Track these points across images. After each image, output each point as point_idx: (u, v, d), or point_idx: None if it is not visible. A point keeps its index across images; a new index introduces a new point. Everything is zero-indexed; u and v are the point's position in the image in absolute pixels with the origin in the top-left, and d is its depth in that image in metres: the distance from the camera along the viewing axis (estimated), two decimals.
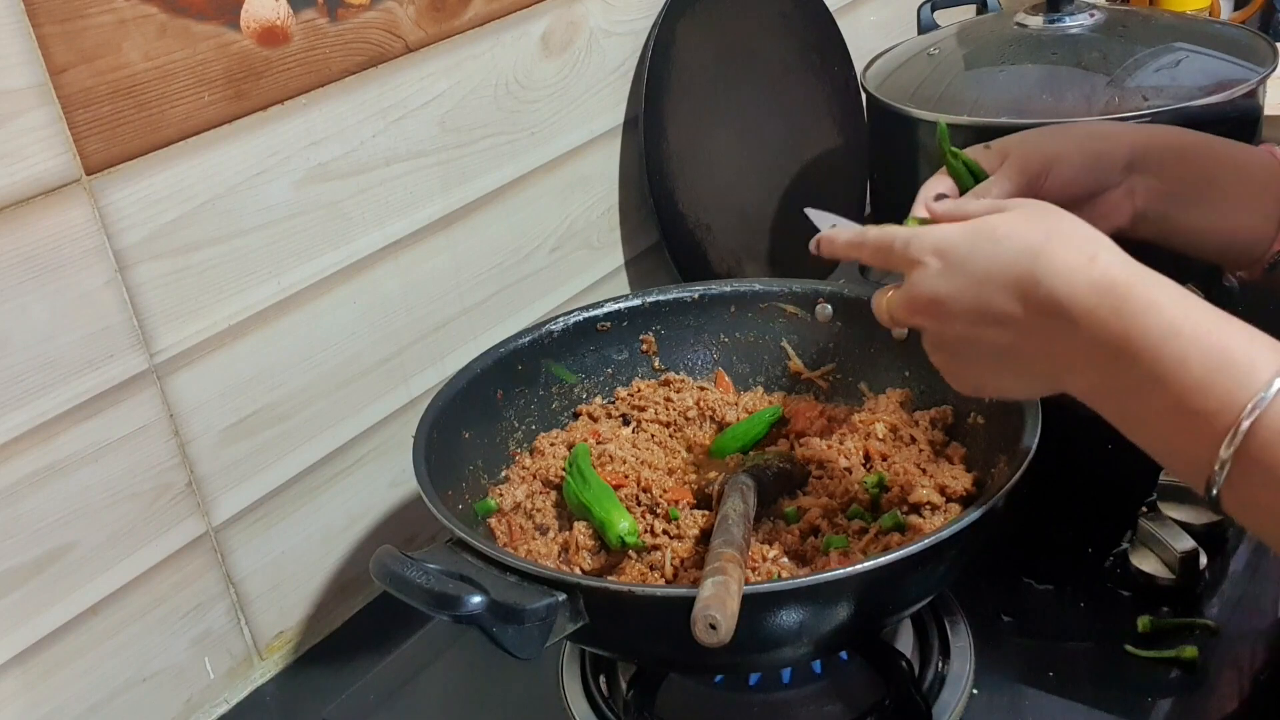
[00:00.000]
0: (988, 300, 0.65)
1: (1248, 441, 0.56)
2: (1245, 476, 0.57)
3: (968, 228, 0.67)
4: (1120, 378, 0.60)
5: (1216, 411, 0.57)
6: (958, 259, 0.66)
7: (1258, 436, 0.56)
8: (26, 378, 0.77)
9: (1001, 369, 0.68)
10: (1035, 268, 0.63)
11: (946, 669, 0.83)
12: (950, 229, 0.68)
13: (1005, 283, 0.64)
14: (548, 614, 0.67)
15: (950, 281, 0.67)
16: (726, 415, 0.97)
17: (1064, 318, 0.61)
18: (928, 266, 0.68)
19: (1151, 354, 0.58)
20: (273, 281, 0.91)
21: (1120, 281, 0.60)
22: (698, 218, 1.25)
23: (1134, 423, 0.62)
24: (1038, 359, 0.65)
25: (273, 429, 0.93)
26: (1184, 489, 0.92)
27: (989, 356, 0.67)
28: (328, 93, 0.92)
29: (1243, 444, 0.56)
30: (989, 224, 0.66)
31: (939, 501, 0.82)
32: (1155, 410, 0.60)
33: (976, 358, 0.68)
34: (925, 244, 0.68)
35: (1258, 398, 0.55)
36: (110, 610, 0.85)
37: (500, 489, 0.90)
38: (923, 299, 0.68)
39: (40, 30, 0.74)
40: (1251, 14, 1.73)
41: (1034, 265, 0.63)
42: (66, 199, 0.78)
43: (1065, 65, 1.10)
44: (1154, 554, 0.89)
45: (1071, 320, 0.61)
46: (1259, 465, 0.56)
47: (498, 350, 0.95)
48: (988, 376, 0.70)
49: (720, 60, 1.27)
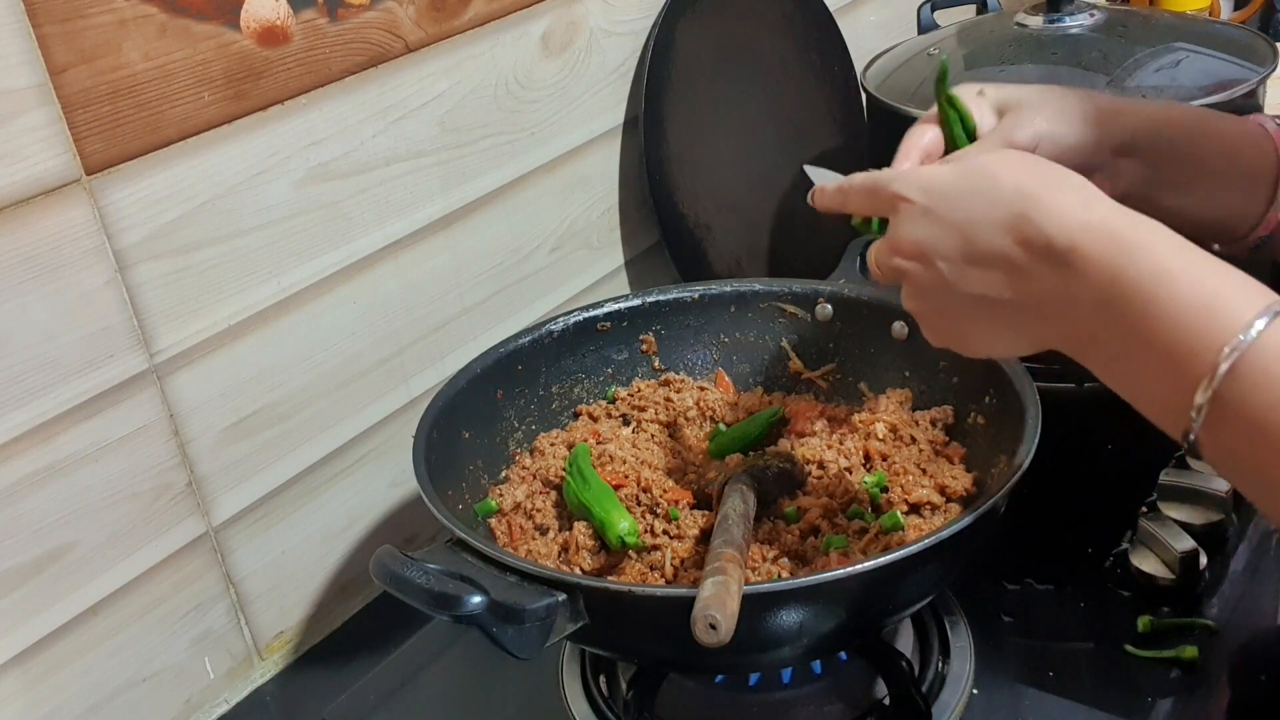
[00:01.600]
0: (976, 240, 0.62)
1: (1225, 385, 0.54)
2: (1222, 422, 0.55)
3: (957, 167, 0.65)
4: (1108, 321, 0.58)
5: (1197, 354, 0.54)
6: (946, 197, 0.64)
7: (1236, 380, 0.53)
8: (26, 378, 0.77)
9: (984, 318, 0.65)
10: (1028, 208, 0.61)
11: (946, 669, 0.83)
12: (938, 168, 0.66)
13: (996, 222, 0.62)
14: (548, 614, 0.67)
15: (937, 221, 0.64)
16: (726, 415, 0.97)
17: (1056, 259, 0.59)
18: (914, 204, 0.65)
19: (1143, 295, 0.57)
20: (273, 281, 0.91)
21: (1115, 224, 0.59)
22: (698, 218, 1.25)
23: (1117, 369, 0.60)
24: (1025, 306, 0.62)
25: (273, 429, 0.93)
26: (1184, 489, 0.92)
27: (972, 305, 0.64)
28: (328, 93, 0.92)
29: (1220, 388, 0.54)
30: (979, 163, 0.64)
31: (939, 501, 0.82)
32: (1139, 354, 0.58)
33: (959, 306, 0.65)
34: (911, 182, 0.66)
35: (1236, 339, 0.53)
36: (110, 610, 0.85)
37: (500, 489, 0.90)
38: (907, 240, 0.66)
39: (40, 30, 0.74)
40: (1251, 14, 1.73)
41: (1027, 206, 0.61)
42: (66, 199, 0.78)
43: (1065, 65, 1.10)
44: (1154, 554, 0.89)
45: (1065, 261, 0.59)
46: (1236, 410, 0.54)
47: (498, 350, 0.95)
48: (969, 327, 0.67)
49: (720, 60, 1.27)
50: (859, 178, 0.72)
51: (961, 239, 0.63)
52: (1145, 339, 0.57)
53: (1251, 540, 0.92)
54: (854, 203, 0.73)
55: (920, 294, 0.68)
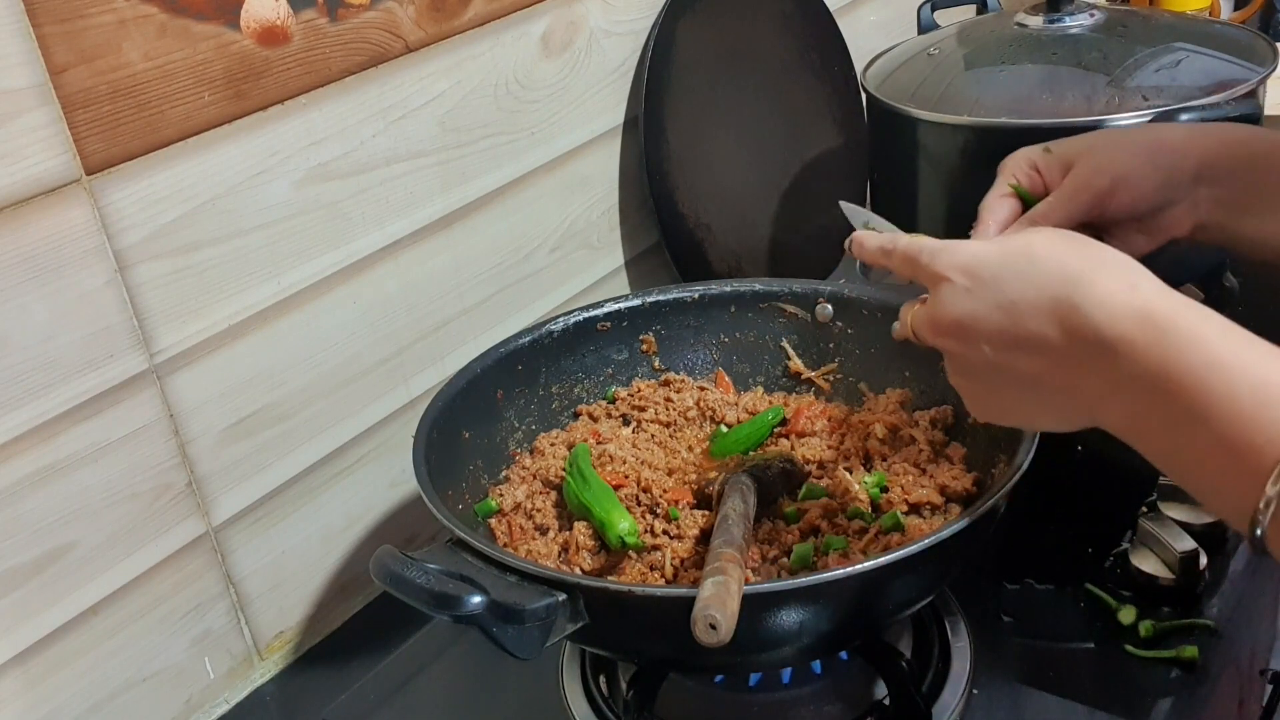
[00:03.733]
0: (1020, 324, 0.61)
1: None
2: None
3: (1001, 246, 0.64)
4: (1160, 411, 0.57)
5: (1262, 446, 0.53)
6: (989, 278, 0.63)
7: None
8: (26, 378, 0.77)
9: (1029, 398, 0.64)
10: (1074, 293, 0.59)
11: (946, 669, 0.83)
12: (983, 246, 0.65)
13: (1040, 307, 0.61)
14: (548, 614, 0.67)
15: (980, 302, 0.63)
16: (726, 415, 0.97)
17: (1103, 347, 0.58)
18: (955, 284, 0.64)
19: (1195, 386, 0.55)
20: (273, 281, 0.91)
21: (1163, 311, 0.57)
22: (698, 218, 1.25)
23: (1173, 459, 0.58)
24: (1071, 389, 0.61)
25: (273, 429, 0.93)
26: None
27: (1016, 385, 0.64)
28: (328, 93, 0.92)
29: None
30: (1024, 243, 0.63)
31: (939, 501, 0.82)
32: (1197, 446, 0.56)
33: (1003, 385, 0.64)
34: (955, 260, 0.65)
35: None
36: (110, 610, 0.85)
37: (500, 489, 0.90)
38: (948, 318, 0.65)
39: (40, 30, 0.74)
40: (1251, 14, 1.73)
41: (1073, 291, 0.59)
42: (66, 199, 0.78)
43: (1065, 65, 1.10)
44: (1154, 554, 0.89)
45: (1111, 350, 0.58)
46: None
47: (498, 350, 0.95)
48: (1013, 405, 0.66)
49: (720, 60, 1.27)
50: (902, 243, 0.71)
51: (1004, 323, 0.62)
52: (1200, 431, 0.55)
53: None
54: (895, 268, 0.72)
55: (964, 371, 0.67)
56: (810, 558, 0.78)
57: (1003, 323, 0.62)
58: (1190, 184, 0.80)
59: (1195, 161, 0.80)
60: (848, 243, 0.76)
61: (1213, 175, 0.79)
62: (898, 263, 0.71)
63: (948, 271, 0.65)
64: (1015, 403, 0.65)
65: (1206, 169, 0.80)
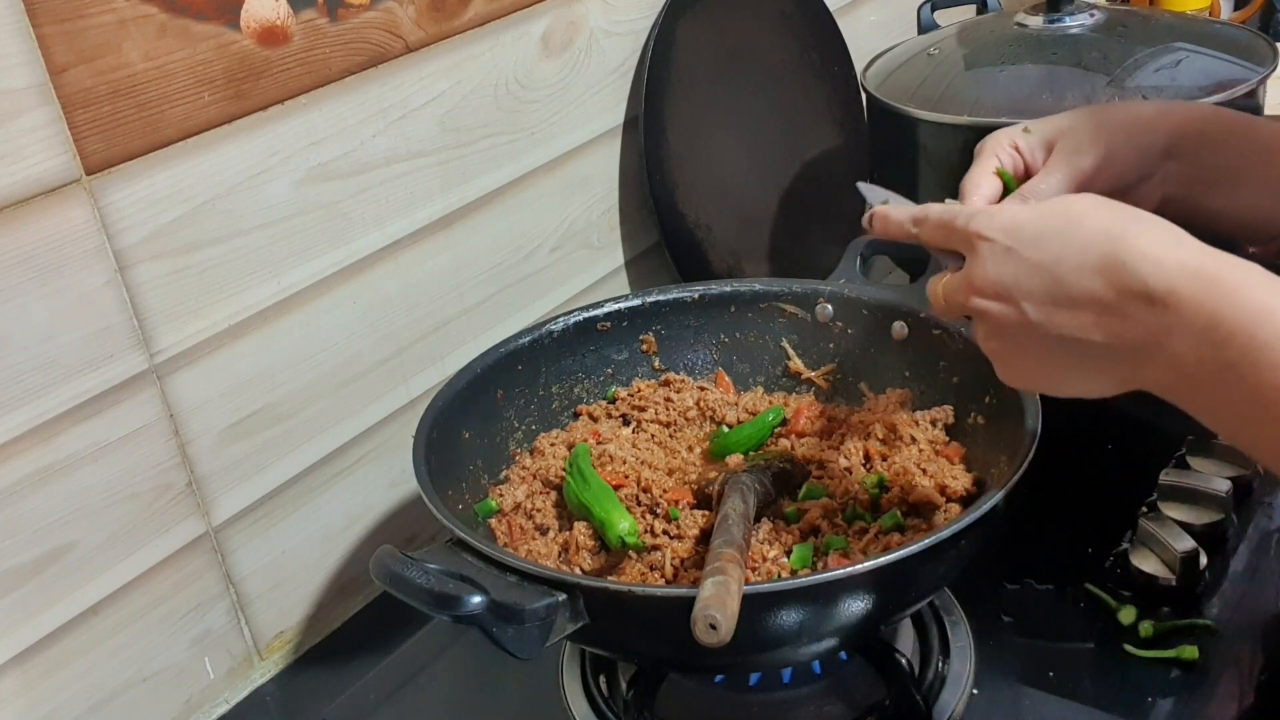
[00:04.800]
0: (1065, 280, 0.61)
1: None
2: None
3: (1039, 207, 0.64)
4: (1209, 362, 0.57)
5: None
6: (1030, 238, 0.63)
7: None
8: (26, 378, 0.77)
9: (1068, 360, 0.64)
10: (1120, 248, 0.60)
11: (946, 669, 0.83)
12: (1021, 208, 0.65)
13: (1085, 264, 0.61)
14: (548, 614, 0.67)
15: (1021, 262, 0.63)
16: (726, 415, 0.97)
17: (1151, 299, 0.59)
18: (996, 244, 0.64)
19: (1244, 334, 0.56)
20: (273, 281, 0.91)
21: (1208, 263, 0.58)
22: (698, 218, 1.25)
23: (1221, 410, 0.59)
24: (1117, 347, 0.61)
25: (273, 429, 0.94)
26: (1184, 489, 0.92)
27: (1056, 345, 0.63)
28: (328, 93, 0.92)
29: None
30: (1062, 205, 0.64)
31: (939, 501, 0.82)
32: (1245, 395, 0.56)
33: (1041, 346, 0.64)
34: (995, 221, 0.65)
35: None
36: (110, 610, 0.85)
37: (500, 489, 0.90)
38: (987, 279, 0.64)
39: (40, 30, 0.74)
40: (1251, 14, 1.73)
41: (1119, 245, 0.60)
42: (66, 199, 0.78)
43: (1065, 65, 1.10)
44: (1154, 554, 0.89)
45: (1160, 302, 0.58)
46: None
47: (498, 350, 0.95)
48: (1050, 368, 0.65)
49: (720, 60, 1.27)
50: (935, 209, 0.71)
51: (1049, 279, 0.62)
52: (1249, 379, 0.56)
53: (1251, 540, 0.92)
54: (926, 236, 0.71)
55: (1000, 334, 0.66)
56: (810, 558, 0.78)
57: (1047, 280, 0.62)
58: (1160, 159, 0.81)
59: (1165, 137, 0.81)
60: (867, 219, 0.75)
61: (1179, 151, 0.81)
62: (930, 229, 0.70)
63: (987, 230, 0.65)
64: (1052, 365, 0.65)
65: (1174, 145, 0.81)
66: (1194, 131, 0.81)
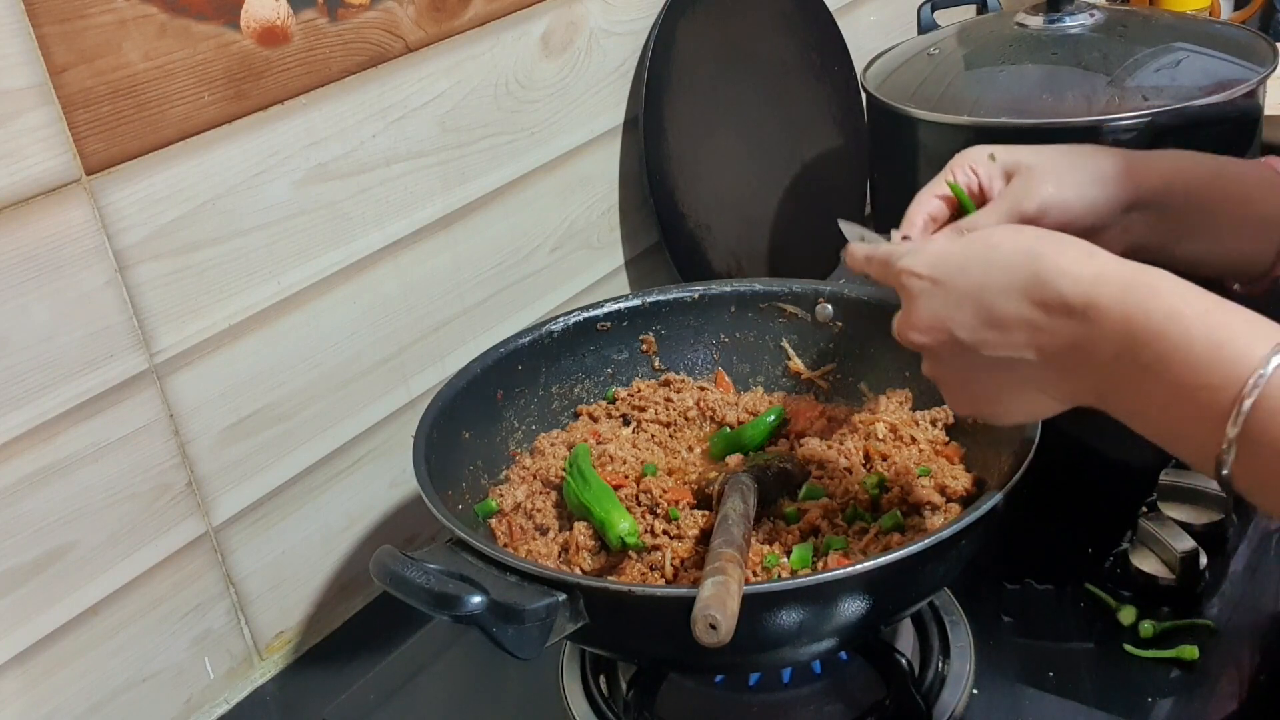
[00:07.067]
0: (992, 306, 0.64)
1: (1251, 419, 0.55)
2: (1252, 455, 0.56)
3: (961, 240, 0.68)
4: (1128, 366, 0.60)
5: (1219, 388, 0.56)
6: (955, 269, 0.67)
7: (1259, 413, 0.55)
8: (26, 378, 0.77)
9: (1007, 379, 0.66)
10: (1038, 267, 0.63)
11: (946, 669, 0.83)
12: (945, 243, 0.69)
13: (1010, 286, 0.64)
14: (548, 614, 0.67)
15: (949, 292, 0.66)
16: (726, 415, 0.97)
17: (1071, 312, 0.61)
18: (923, 279, 0.68)
19: (1155, 336, 0.58)
20: (273, 281, 0.91)
21: (1123, 272, 0.61)
22: (698, 218, 1.25)
23: (1142, 412, 0.61)
24: (1047, 362, 0.64)
25: (273, 429, 0.94)
26: (1184, 489, 0.92)
27: (994, 368, 0.66)
28: (328, 93, 0.92)
29: (1246, 421, 0.55)
30: (984, 235, 0.67)
31: (939, 501, 0.82)
32: (1162, 395, 0.59)
33: (981, 369, 0.67)
34: (919, 260, 0.69)
35: (1257, 374, 0.55)
36: (110, 610, 0.85)
37: (500, 489, 0.90)
38: (920, 316, 0.68)
39: (40, 30, 0.74)
40: (1251, 14, 1.73)
41: (1036, 265, 0.63)
42: (66, 199, 0.78)
43: (1065, 65, 1.10)
44: (1154, 554, 0.89)
45: (1080, 314, 0.61)
46: (1263, 443, 0.55)
47: (498, 350, 0.95)
48: (992, 389, 0.68)
49: (720, 60, 1.27)
50: (880, 251, 0.75)
51: (976, 305, 0.65)
52: (1164, 380, 0.59)
53: (1251, 540, 0.92)
54: (875, 274, 0.75)
55: (941, 363, 0.70)
56: (810, 558, 0.78)
57: (974, 307, 0.65)
58: (1121, 213, 0.82)
59: (1131, 190, 0.82)
60: (843, 254, 0.79)
61: (1146, 204, 0.82)
62: (876, 269, 0.75)
63: (914, 266, 0.69)
64: (994, 388, 0.68)
65: (1141, 200, 0.82)
66: (1162, 185, 0.83)
